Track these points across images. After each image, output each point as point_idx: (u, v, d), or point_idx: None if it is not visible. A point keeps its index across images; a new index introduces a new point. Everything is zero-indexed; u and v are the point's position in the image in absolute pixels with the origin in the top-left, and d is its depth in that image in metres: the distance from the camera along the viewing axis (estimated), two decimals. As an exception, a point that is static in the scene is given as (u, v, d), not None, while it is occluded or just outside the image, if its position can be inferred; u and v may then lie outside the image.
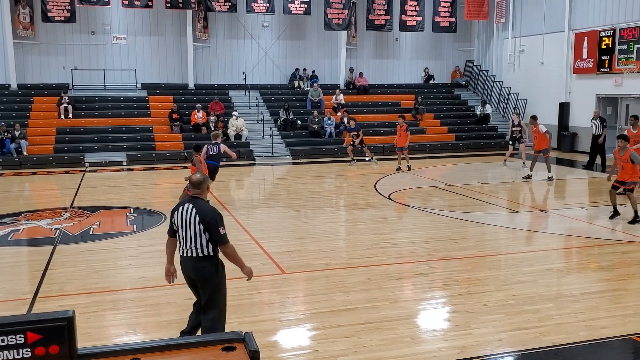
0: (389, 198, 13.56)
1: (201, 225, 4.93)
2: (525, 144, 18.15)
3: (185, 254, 5.05)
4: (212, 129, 21.57)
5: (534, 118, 16.48)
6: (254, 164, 20.34)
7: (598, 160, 18.00)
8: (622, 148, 10.72)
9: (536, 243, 9.87)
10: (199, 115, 21.79)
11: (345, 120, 23.18)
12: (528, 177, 15.83)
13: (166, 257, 5.36)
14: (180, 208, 5.07)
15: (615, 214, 10.94)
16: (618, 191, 10.99)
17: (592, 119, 18.14)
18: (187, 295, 6.95)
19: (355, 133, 19.01)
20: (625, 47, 19.07)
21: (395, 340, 5.71)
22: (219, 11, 23.75)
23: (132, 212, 12.09)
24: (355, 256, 8.81)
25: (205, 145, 12.74)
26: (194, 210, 4.97)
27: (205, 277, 5.04)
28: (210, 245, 5.00)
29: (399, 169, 17.44)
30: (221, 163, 14.05)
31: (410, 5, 25.47)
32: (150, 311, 6.57)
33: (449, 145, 23.14)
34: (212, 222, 4.93)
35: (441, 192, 14.31)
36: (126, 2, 21.96)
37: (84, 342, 3.65)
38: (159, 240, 9.65)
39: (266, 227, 10.91)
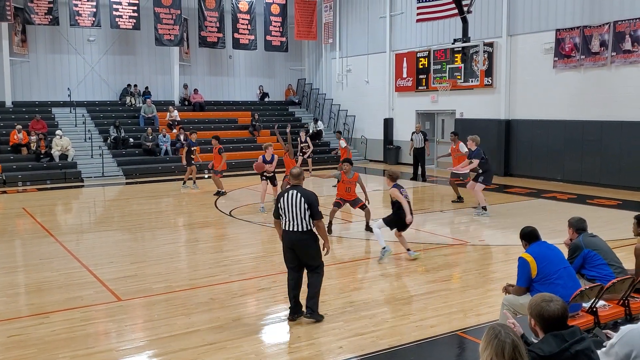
0: (230, 215, 13.51)
1: (306, 204, 6.31)
2: (310, 157, 20.61)
3: (290, 229, 6.42)
4: (33, 149, 20.01)
5: (339, 132, 19.13)
6: (82, 186, 19.08)
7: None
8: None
9: (370, 250, 10.41)
10: (19, 136, 19.99)
11: (182, 137, 22.66)
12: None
13: (279, 235, 6.70)
14: (286, 194, 6.44)
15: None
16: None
17: (415, 132, 19.52)
18: (9, 333, 6.32)
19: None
20: (439, 67, 20.90)
21: (240, 358, 5.68)
22: (39, 24, 22.07)
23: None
24: (197, 276, 8.63)
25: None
26: (299, 194, 6.37)
27: (308, 245, 6.46)
28: (310, 221, 6.38)
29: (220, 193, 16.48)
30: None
31: (242, 24, 25.75)
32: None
33: (286, 160, 23.60)
34: (313, 202, 6.36)
35: (280, 207, 14.53)
36: None
37: None
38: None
39: (98, 252, 10.27)
